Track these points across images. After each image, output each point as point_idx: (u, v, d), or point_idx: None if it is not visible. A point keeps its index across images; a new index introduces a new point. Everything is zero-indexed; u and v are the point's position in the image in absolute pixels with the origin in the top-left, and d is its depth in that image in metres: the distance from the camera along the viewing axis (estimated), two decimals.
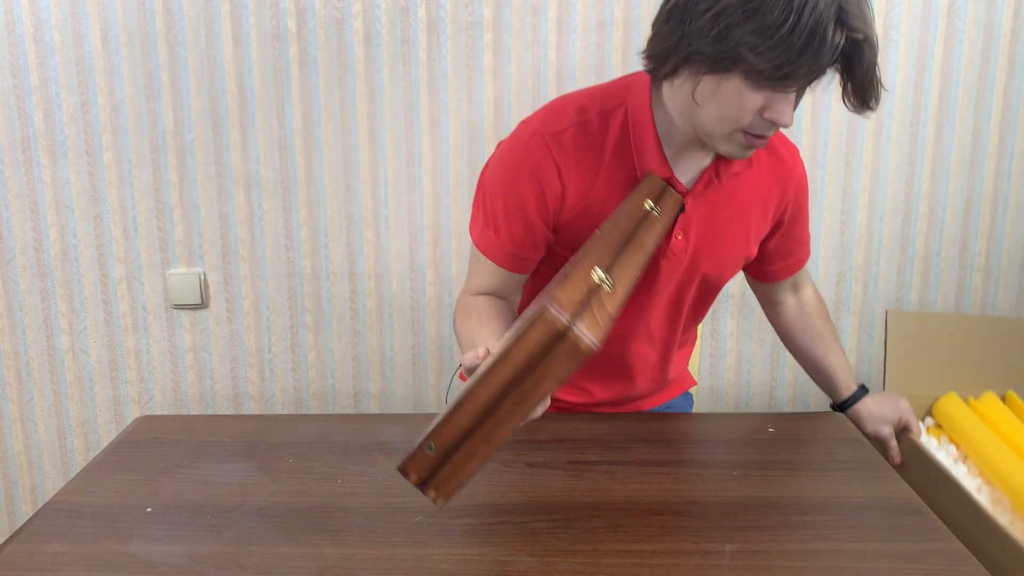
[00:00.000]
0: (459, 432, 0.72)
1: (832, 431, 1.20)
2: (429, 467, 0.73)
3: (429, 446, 0.72)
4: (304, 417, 1.31)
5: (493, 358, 0.71)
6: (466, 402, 0.72)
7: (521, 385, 0.70)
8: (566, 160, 1.02)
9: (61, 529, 0.96)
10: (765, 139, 0.96)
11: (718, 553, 0.88)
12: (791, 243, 1.20)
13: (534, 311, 0.70)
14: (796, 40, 0.84)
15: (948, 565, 0.86)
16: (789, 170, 1.12)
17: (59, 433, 1.87)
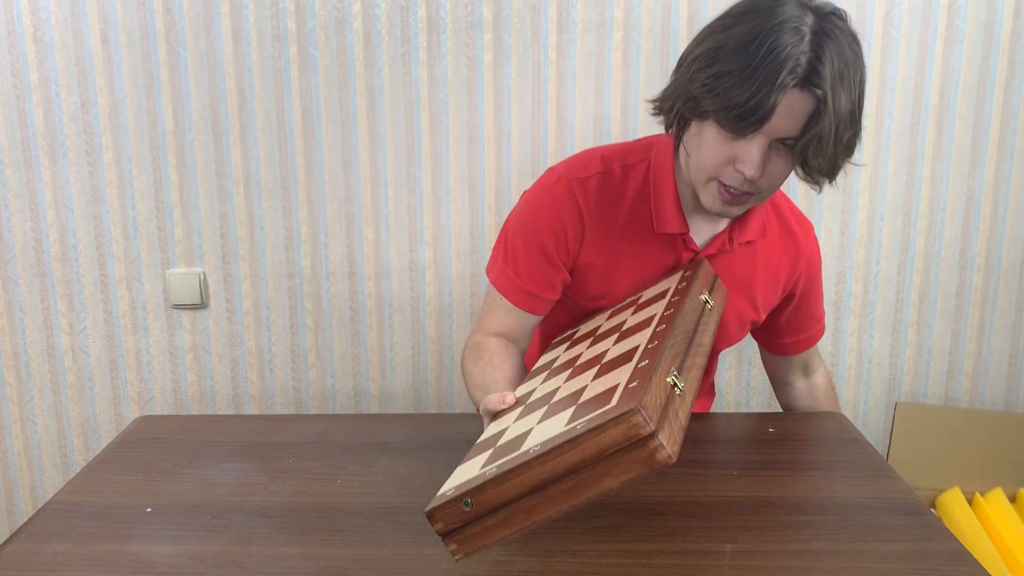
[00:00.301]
0: (502, 500, 0.70)
1: (832, 431, 1.20)
2: (459, 521, 0.71)
3: (466, 502, 0.70)
4: (304, 417, 1.31)
5: (561, 439, 0.69)
6: (519, 473, 0.69)
7: (582, 475, 0.68)
8: (588, 205, 1.05)
9: (61, 529, 0.96)
10: (739, 194, 0.97)
11: (718, 553, 0.88)
12: (804, 318, 1.22)
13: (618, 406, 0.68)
14: (748, 85, 0.88)
15: (948, 565, 0.86)
16: (800, 246, 1.15)
17: (59, 433, 1.87)
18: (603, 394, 0.74)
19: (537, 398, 0.88)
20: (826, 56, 0.89)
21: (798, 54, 0.88)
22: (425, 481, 1.05)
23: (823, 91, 0.88)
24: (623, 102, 1.67)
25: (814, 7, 0.94)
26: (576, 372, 0.89)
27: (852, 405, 1.81)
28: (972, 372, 1.79)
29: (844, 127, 0.91)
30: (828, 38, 0.91)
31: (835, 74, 0.89)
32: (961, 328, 1.77)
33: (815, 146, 0.91)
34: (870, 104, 1.66)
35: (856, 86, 0.92)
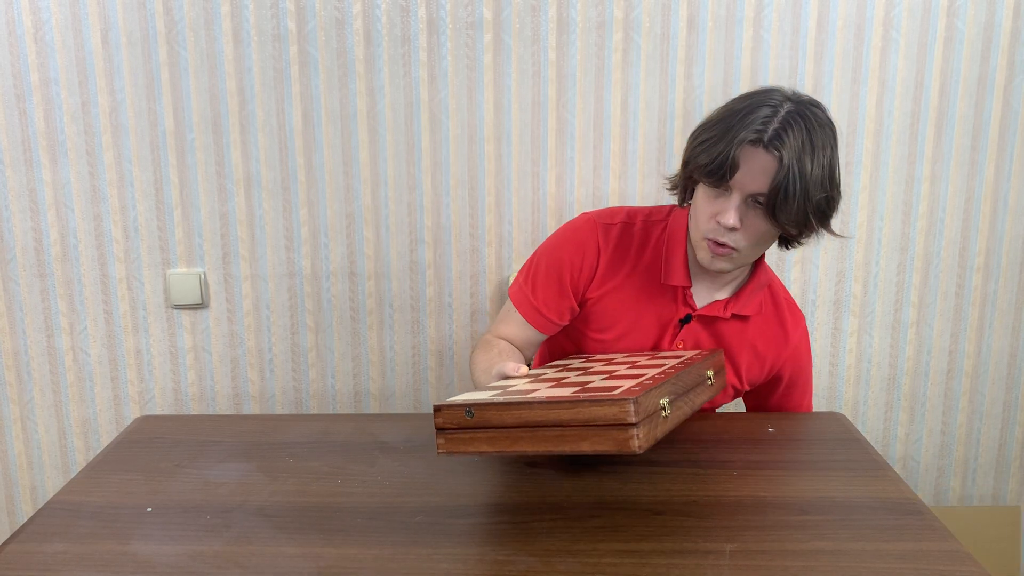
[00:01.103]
0: (498, 422, 0.85)
1: (832, 431, 1.20)
2: (456, 424, 0.86)
3: (469, 412, 0.84)
4: (304, 417, 1.31)
5: (566, 397, 0.85)
6: (521, 408, 0.84)
7: (567, 431, 0.84)
8: (607, 247, 1.23)
9: (61, 529, 0.96)
10: (724, 247, 1.12)
11: (718, 553, 0.88)
12: (792, 406, 1.32)
13: (618, 395, 0.84)
14: (720, 145, 1.07)
15: (948, 565, 0.86)
16: (789, 333, 1.26)
17: (59, 433, 1.87)
18: (607, 387, 0.89)
19: (547, 377, 1.03)
20: (792, 129, 1.05)
21: (766, 122, 1.06)
22: (425, 481, 1.05)
23: (784, 153, 1.04)
24: (623, 102, 1.67)
25: (797, 98, 1.10)
26: (586, 372, 1.04)
27: (852, 405, 1.81)
28: (972, 372, 1.79)
29: (815, 189, 1.06)
30: (800, 118, 1.06)
31: (799, 144, 1.05)
32: (961, 328, 1.77)
33: (780, 201, 1.05)
34: (870, 104, 1.66)
35: (824, 160, 1.07)
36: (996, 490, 1.85)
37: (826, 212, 1.10)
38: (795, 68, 1.65)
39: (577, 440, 0.83)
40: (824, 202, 1.09)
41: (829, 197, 1.09)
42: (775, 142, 1.05)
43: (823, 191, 1.07)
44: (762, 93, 1.11)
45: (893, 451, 1.83)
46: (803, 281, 1.74)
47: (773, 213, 1.07)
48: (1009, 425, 1.82)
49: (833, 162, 1.10)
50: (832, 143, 1.09)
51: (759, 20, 1.63)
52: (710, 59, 1.64)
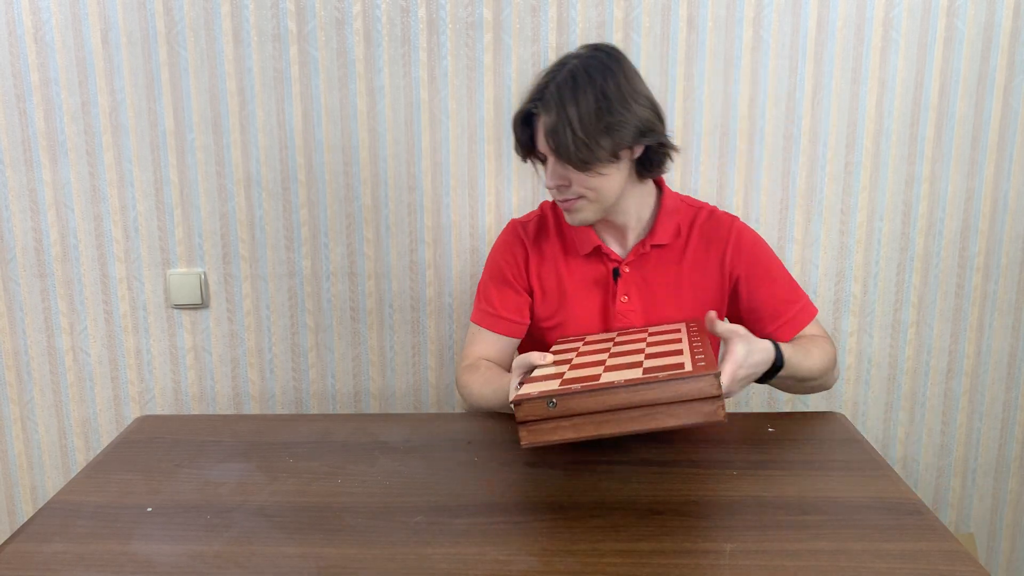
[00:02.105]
0: (582, 409, 0.87)
1: (832, 431, 1.20)
2: (538, 415, 0.87)
3: (552, 402, 0.86)
4: (304, 417, 1.31)
5: (645, 379, 0.89)
6: (604, 393, 0.88)
7: (653, 409, 0.88)
8: (528, 239, 1.35)
9: (61, 529, 0.96)
10: (569, 202, 1.22)
11: (718, 553, 0.88)
12: (775, 303, 1.30)
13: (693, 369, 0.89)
14: (514, 125, 1.22)
15: (948, 565, 0.86)
16: (723, 236, 1.30)
17: (59, 433, 1.87)
18: (670, 365, 0.94)
19: (581, 362, 1.06)
20: (554, 83, 1.16)
21: (535, 91, 1.18)
22: (425, 481, 1.05)
23: (547, 107, 1.16)
24: None
25: (585, 52, 1.19)
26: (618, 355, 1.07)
27: (852, 405, 1.81)
28: (972, 372, 1.79)
29: (587, 123, 1.14)
30: (570, 71, 1.16)
31: (559, 94, 1.15)
32: (960, 328, 1.77)
33: (562, 148, 1.16)
34: (870, 104, 1.66)
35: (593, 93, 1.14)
36: (961, 517, 1.85)
37: (617, 137, 1.16)
38: (795, 68, 1.65)
39: (665, 417, 0.88)
40: (607, 128, 1.15)
41: (610, 123, 1.15)
42: (539, 103, 1.17)
43: (600, 120, 1.14)
44: (556, 62, 1.20)
45: (893, 451, 1.83)
46: (803, 281, 1.74)
47: (566, 159, 1.17)
48: (1009, 425, 1.82)
49: (605, 91, 1.15)
50: (604, 74, 1.16)
51: (759, 20, 1.63)
52: (710, 59, 1.65)
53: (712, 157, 1.69)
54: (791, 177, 1.70)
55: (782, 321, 1.30)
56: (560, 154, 1.17)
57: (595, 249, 1.30)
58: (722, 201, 1.70)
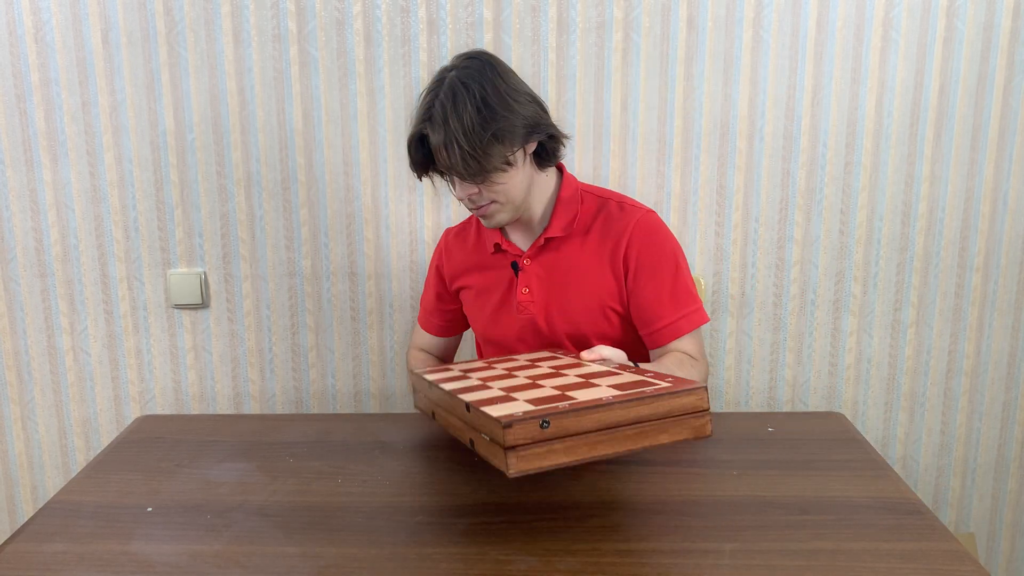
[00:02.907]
0: (577, 429, 0.82)
1: (832, 431, 1.20)
2: (529, 438, 0.80)
3: (545, 423, 0.80)
4: (304, 417, 1.31)
5: (636, 395, 0.85)
6: (597, 411, 0.83)
7: (645, 426, 0.85)
8: (448, 245, 1.45)
9: (62, 528, 0.96)
10: (483, 209, 1.26)
11: (718, 553, 0.88)
12: (652, 306, 1.30)
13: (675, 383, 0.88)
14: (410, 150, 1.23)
15: (948, 565, 0.86)
16: (621, 227, 1.31)
17: (60, 433, 1.87)
18: (636, 381, 0.92)
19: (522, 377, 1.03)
20: (437, 103, 1.17)
21: (421, 115, 1.20)
22: (425, 481, 1.05)
23: (435, 127, 1.17)
24: (623, 102, 1.67)
25: (460, 63, 1.21)
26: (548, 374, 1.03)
27: (852, 405, 1.81)
28: (971, 372, 1.79)
29: (473, 135, 1.16)
30: (449, 86, 1.18)
31: (443, 112, 1.16)
32: (960, 328, 1.77)
33: (458, 163, 1.17)
34: (869, 104, 1.66)
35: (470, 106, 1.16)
36: (961, 516, 1.85)
37: (509, 138, 1.19)
38: (795, 68, 1.65)
39: (656, 433, 0.85)
40: (496, 133, 1.17)
41: (499, 128, 1.17)
42: (429, 125, 1.19)
43: (486, 128, 1.16)
44: (434, 81, 1.22)
45: (893, 451, 1.83)
46: (803, 281, 1.74)
47: (461, 174, 1.19)
48: (1009, 425, 1.82)
49: (484, 99, 1.18)
50: (481, 81, 1.18)
51: (759, 20, 1.63)
52: (710, 59, 1.65)
53: (712, 157, 1.69)
54: (791, 177, 1.70)
55: (653, 328, 1.30)
56: (455, 170, 1.19)
57: (495, 247, 1.36)
58: (722, 201, 1.70)
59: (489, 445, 0.84)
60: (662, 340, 1.30)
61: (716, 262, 1.74)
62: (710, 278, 1.75)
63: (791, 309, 1.76)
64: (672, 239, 1.33)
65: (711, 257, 1.74)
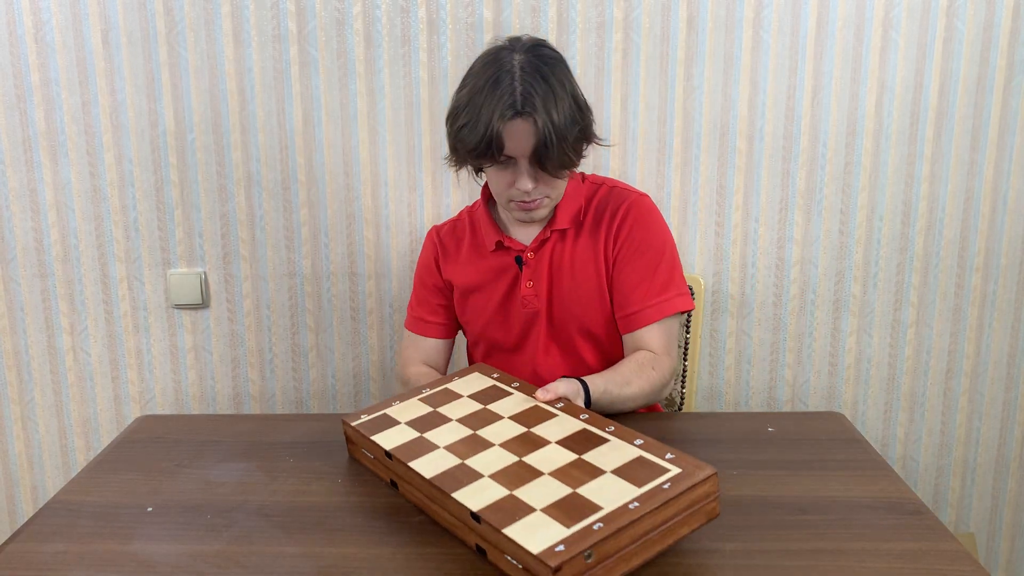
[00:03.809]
0: (616, 549, 0.81)
1: (832, 431, 1.20)
2: (579, 571, 0.79)
3: (588, 554, 0.79)
4: (304, 417, 1.31)
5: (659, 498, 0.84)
6: (630, 527, 0.82)
7: (669, 524, 0.84)
8: (440, 243, 1.40)
9: (62, 528, 0.96)
10: (532, 203, 1.23)
11: (718, 553, 0.88)
12: (629, 288, 1.28)
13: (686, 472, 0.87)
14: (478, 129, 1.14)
15: (948, 565, 0.86)
16: (612, 212, 1.30)
17: (60, 433, 1.87)
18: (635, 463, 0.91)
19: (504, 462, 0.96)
20: (534, 85, 1.14)
21: (510, 91, 1.14)
22: None
23: (536, 116, 1.13)
24: (623, 102, 1.67)
25: (522, 47, 1.18)
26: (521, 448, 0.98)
27: (852, 405, 1.81)
28: (971, 372, 1.79)
29: (569, 132, 1.15)
30: (535, 70, 1.15)
31: (543, 98, 1.13)
32: (960, 328, 1.77)
33: (544, 157, 1.15)
34: (869, 104, 1.66)
35: (567, 99, 1.16)
36: (961, 516, 1.85)
37: (585, 140, 1.21)
38: (795, 68, 1.65)
39: (678, 528, 0.85)
40: (581, 133, 1.19)
41: (583, 127, 1.19)
42: (526, 108, 1.14)
43: (576, 126, 1.17)
44: (493, 61, 1.18)
45: (893, 451, 1.83)
46: (803, 281, 1.74)
47: (543, 166, 1.17)
48: (1009, 425, 1.82)
49: (575, 93, 1.19)
50: (566, 74, 1.18)
51: (759, 20, 1.63)
52: (710, 59, 1.65)
53: (712, 157, 1.69)
54: (791, 177, 1.70)
55: (624, 313, 1.28)
56: (545, 162, 1.16)
57: (497, 243, 1.33)
58: (722, 201, 1.71)
59: (520, 571, 0.82)
60: (631, 326, 1.28)
61: (716, 262, 1.74)
62: (710, 278, 1.75)
63: (791, 309, 1.76)
64: (662, 224, 1.31)
65: (711, 257, 1.74)
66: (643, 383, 1.22)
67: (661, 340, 1.28)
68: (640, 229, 1.29)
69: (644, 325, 1.27)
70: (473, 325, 1.39)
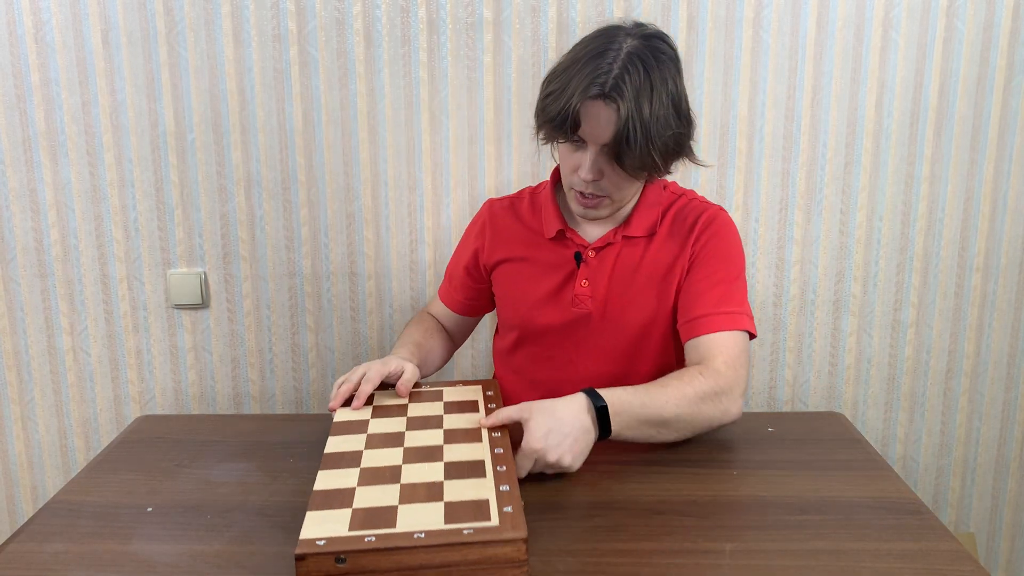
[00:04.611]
0: (375, 568, 0.79)
1: (832, 431, 1.20)
2: (328, 571, 0.78)
3: (341, 559, 0.77)
4: (304, 417, 1.31)
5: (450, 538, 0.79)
6: (402, 552, 0.79)
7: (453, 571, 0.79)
8: (491, 221, 1.34)
9: (61, 529, 0.96)
10: (591, 197, 1.16)
11: (718, 553, 0.88)
12: (690, 295, 1.20)
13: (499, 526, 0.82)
14: (562, 101, 1.07)
15: (948, 565, 0.86)
16: (689, 225, 1.24)
17: (60, 433, 1.87)
18: (475, 504, 0.86)
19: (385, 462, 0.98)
20: (630, 74, 1.05)
21: (604, 72, 1.06)
22: None
23: (621, 103, 1.05)
24: None
25: (640, 32, 1.11)
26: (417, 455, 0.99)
27: (852, 405, 1.81)
28: (971, 372, 1.79)
29: (657, 131, 1.07)
30: (639, 59, 1.06)
31: (636, 89, 1.05)
32: (960, 328, 1.77)
33: (624, 149, 1.07)
34: (869, 104, 1.66)
35: (665, 99, 1.07)
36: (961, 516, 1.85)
37: (676, 150, 1.12)
38: (795, 68, 1.65)
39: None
40: (672, 140, 1.10)
41: (677, 134, 1.10)
42: (613, 93, 1.05)
43: (668, 129, 1.08)
44: (604, 36, 1.10)
45: (893, 451, 1.83)
46: (803, 281, 1.74)
47: (619, 161, 1.09)
48: (1009, 425, 1.82)
49: (678, 97, 1.10)
50: (674, 76, 1.10)
51: (759, 20, 1.63)
52: (710, 59, 1.65)
53: (712, 157, 1.69)
54: (791, 177, 1.70)
55: (690, 317, 1.19)
56: (622, 156, 1.08)
57: (558, 233, 1.26)
58: (722, 201, 1.70)
59: None
60: (695, 331, 1.17)
61: None
62: None
63: (791, 309, 1.76)
64: (738, 242, 1.25)
65: None
66: (685, 388, 1.08)
67: (727, 352, 1.14)
68: (719, 240, 1.22)
69: (711, 331, 1.16)
70: (512, 308, 1.31)
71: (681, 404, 1.08)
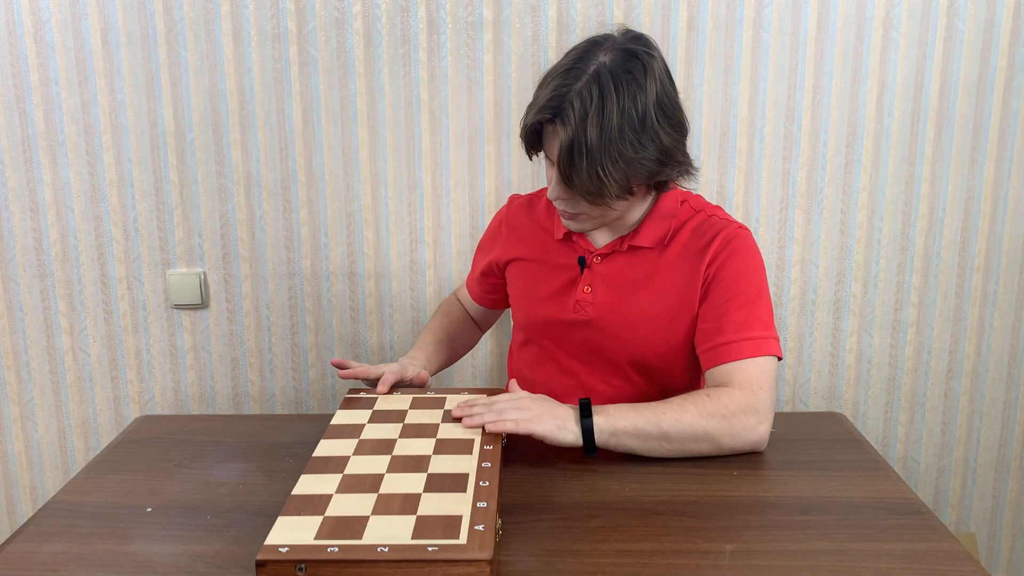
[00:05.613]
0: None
1: (832, 431, 1.20)
2: None
3: (301, 568, 0.78)
4: (304, 417, 1.31)
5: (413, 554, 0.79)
6: (363, 565, 0.78)
7: None
8: (509, 217, 1.35)
9: (61, 529, 0.96)
10: (568, 213, 1.15)
11: (718, 553, 0.88)
12: (710, 322, 1.15)
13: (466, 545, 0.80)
14: (527, 114, 1.09)
15: (948, 565, 0.86)
16: (706, 242, 1.19)
17: (59, 433, 1.87)
18: (447, 519, 0.85)
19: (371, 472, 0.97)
20: (582, 97, 1.03)
21: (560, 95, 1.05)
22: None
23: (565, 126, 1.04)
24: None
25: (622, 46, 1.08)
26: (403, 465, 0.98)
27: (852, 405, 1.81)
28: (972, 372, 1.79)
29: (605, 156, 1.04)
30: (599, 80, 1.04)
31: (585, 111, 1.03)
32: (961, 328, 1.77)
33: (567, 170, 1.06)
34: (870, 104, 1.66)
35: (617, 120, 1.03)
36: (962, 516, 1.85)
37: (637, 171, 1.07)
38: (795, 68, 1.65)
39: None
40: (629, 164, 1.05)
41: (634, 157, 1.05)
42: (559, 116, 1.05)
43: (620, 158, 1.04)
44: (581, 52, 1.08)
45: (893, 451, 1.83)
46: (803, 281, 1.74)
47: (568, 183, 1.07)
48: (1009, 425, 1.82)
49: (638, 119, 1.04)
50: (640, 95, 1.04)
51: (759, 20, 1.63)
52: (710, 59, 1.65)
53: (712, 157, 1.69)
54: (791, 177, 1.70)
55: (712, 344, 1.14)
56: (568, 182, 1.07)
57: (566, 235, 1.25)
58: (722, 201, 1.70)
59: None
60: (720, 358, 1.12)
61: None
62: None
63: (791, 309, 1.76)
64: (760, 262, 1.19)
65: None
66: (692, 407, 1.05)
67: (751, 376, 1.09)
68: (738, 260, 1.16)
69: (734, 359, 1.11)
70: (519, 306, 1.31)
71: (683, 419, 1.06)
